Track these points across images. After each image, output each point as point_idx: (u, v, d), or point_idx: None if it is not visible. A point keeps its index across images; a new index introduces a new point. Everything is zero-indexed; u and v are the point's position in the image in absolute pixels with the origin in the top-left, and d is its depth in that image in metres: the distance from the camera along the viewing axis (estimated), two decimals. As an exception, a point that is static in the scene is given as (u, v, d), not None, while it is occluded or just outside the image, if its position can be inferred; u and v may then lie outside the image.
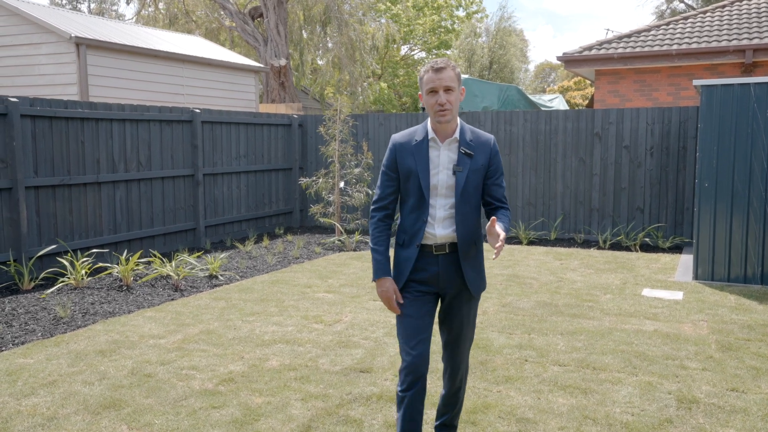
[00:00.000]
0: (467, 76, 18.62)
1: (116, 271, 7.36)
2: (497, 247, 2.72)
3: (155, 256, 8.30)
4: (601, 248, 9.68)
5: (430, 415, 3.76)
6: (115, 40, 11.73)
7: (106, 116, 8.23)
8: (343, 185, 10.82)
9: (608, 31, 24.32)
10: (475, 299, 3.11)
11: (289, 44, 20.72)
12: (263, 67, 15.68)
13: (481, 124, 10.89)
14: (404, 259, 3.05)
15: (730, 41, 11.64)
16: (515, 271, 7.99)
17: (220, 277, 7.65)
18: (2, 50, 11.59)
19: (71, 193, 7.86)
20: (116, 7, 41.72)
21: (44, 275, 7.44)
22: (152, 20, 24.20)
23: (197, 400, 4.08)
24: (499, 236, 2.76)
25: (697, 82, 7.34)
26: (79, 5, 40.33)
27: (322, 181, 10.53)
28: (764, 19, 12.43)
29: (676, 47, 11.89)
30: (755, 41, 11.38)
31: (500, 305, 6.33)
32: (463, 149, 2.98)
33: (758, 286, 7.15)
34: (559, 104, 19.67)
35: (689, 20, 13.29)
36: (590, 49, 12.82)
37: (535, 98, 18.74)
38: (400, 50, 31.03)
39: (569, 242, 10.21)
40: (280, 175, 11.69)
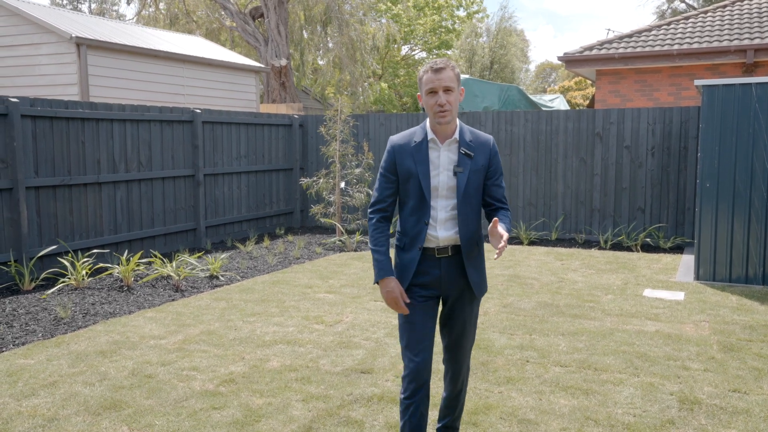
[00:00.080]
0: (468, 76, 18.61)
1: (117, 271, 7.36)
2: (500, 247, 2.69)
3: (156, 256, 8.29)
4: (602, 248, 9.67)
5: (431, 416, 3.75)
6: (115, 40, 11.73)
7: (106, 116, 8.22)
8: (343, 185, 10.82)
9: (609, 31, 24.31)
10: (476, 301, 3.08)
11: (289, 44, 20.72)
12: (264, 67, 15.68)
13: (481, 124, 10.88)
14: (406, 262, 2.99)
15: (731, 41, 11.63)
16: (516, 271, 7.98)
17: (220, 277, 7.64)
18: (3, 50, 11.59)
19: (72, 193, 7.85)
20: (117, 7, 41.74)
21: (45, 276, 7.43)
22: (153, 20, 24.20)
23: (198, 400, 4.07)
24: (502, 237, 2.73)
25: (698, 82, 7.33)
26: (79, 5, 40.35)
27: (322, 181, 10.52)
28: (765, 19, 12.42)
29: (677, 47, 11.88)
30: (756, 41, 11.36)
31: (501, 306, 6.32)
32: (463, 150, 2.95)
33: (760, 286, 7.14)
34: (559, 104, 19.66)
35: (690, 20, 13.28)
36: (591, 49, 12.81)
37: (535, 98, 18.72)
38: (400, 50, 31.03)
39: (570, 242, 10.20)
40: (280, 175, 11.68)
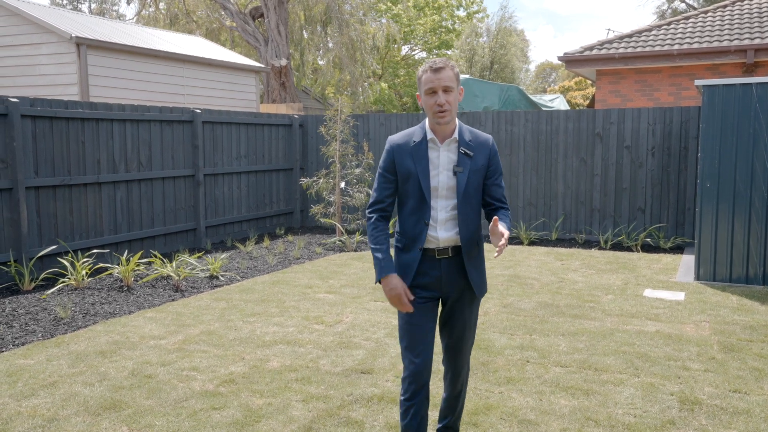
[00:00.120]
0: (468, 76, 18.60)
1: (117, 271, 7.36)
2: (500, 245, 2.68)
3: (156, 256, 8.29)
4: (602, 249, 9.66)
5: (431, 416, 3.74)
6: (115, 40, 11.72)
7: (106, 116, 8.22)
8: (343, 185, 10.81)
9: (609, 31, 24.31)
10: (476, 302, 3.07)
11: (289, 44, 20.72)
12: (264, 67, 15.67)
13: (482, 124, 10.87)
14: (406, 263, 2.96)
15: (731, 41, 11.62)
16: (516, 271, 7.98)
17: (220, 277, 7.64)
18: (3, 50, 11.59)
19: (72, 193, 7.85)
20: (117, 7, 41.74)
21: (45, 276, 7.43)
22: (153, 20, 24.20)
23: (198, 401, 4.07)
24: (502, 235, 2.72)
25: (699, 82, 7.33)
26: (79, 5, 40.34)
27: (322, 181, 10.52)
28: (765, 18, 12.41)
29: (677, 47, 11.87)
30: (757, 41, 11.36)
31: (501, 306, 6.31)
32: (462, 149, 2.93)
33: (760, 286, 7.13)
34: (559, 104, 19.65)
35: (690, 20, 13.27)
36: (591, 49, 12.81)
37: (535, 98, 18.72)
38: (400, 50, 31.03)
39: (570, 243, 10.19)
40: (280, 175, 11.68)
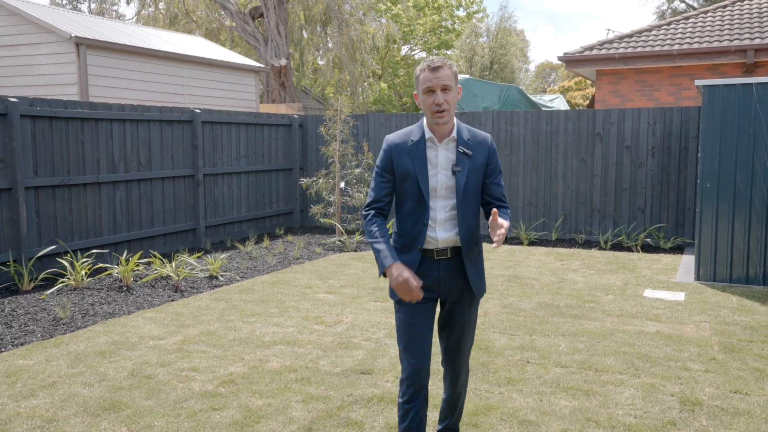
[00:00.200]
0: (467, 76, 18.60)
1: (116, 271, 7.34)
2: (499, 233, 2.63)
3: (155, 256, 8.28)
4: (602, 249, 9.65)
5: (431, 417, 3.73)
6: (115, 40, 11.71)
7: (106, 116, 8.21)
8: (343, 185, 10.80)
9: (609, 31, 24.30)
10: (475, 303, 3.05)
11: (289, 44, 20.70)
12: (263, 67, 15.66)
13: (481, 124, 10.86)
14: (405, 264, 2.91)
15: (731, 41, 11.61)
16: (516, 271, 7.97)
17: (220, 277, 7.63)
18: (2, 50, 11.58)
19: (71, 193, 7.84)
20: (116, 7, 41.72)
21: (44, 276, 7.42)
22: (152, 20, 24.18)
23: (197, 401, 4.06)
24: (502, 225, 2.68)
25: (699, 82, 7.32)
26: (79, 5, 40.33)
27: (322, 181, 10.51)
28: (765, 19, 12.40)
29: (677, 47, 11.87)
30: (757, 41, 11.35)
31: (501, 306, 6.30)
32: (461, 149, 2.90)
33: (760, 287, 7.12)
34: (559, 104, 19.65)
35: (690, 20, 13.27)
36: (591, 49, 12.80)
37: (535, 98, 18.71)
38: (400, 50, 31.03)
39: (570, 243, 10.18)
40: (280, 175, 11.67)
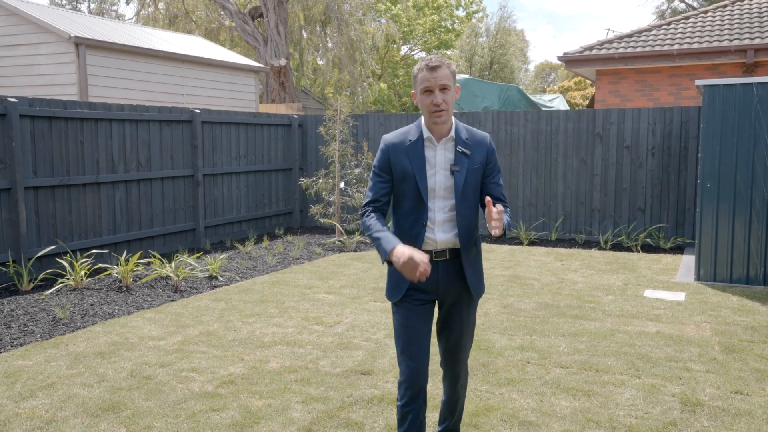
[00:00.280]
0: (467, 76, 18.59)
1: (116, 272, 7.33)
2: (496, 218, 2.56)
3: (155, 256, 8.27)
4: (602, 249, 9.64)
5: (431, 418, 3.72)
6: (114, 40, 11.70)
7: (105, 116, 8.20)
8: (343, 185, 10.79)
9: (609, 31, 24.30)
10: (474, 304, 3.02)
11: (289, 44, 20.69)
12: (263, 67, 15.65)
13: (481, 124, 10.85)
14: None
15: (731, 41, 11.61)
16: (516, 272, 7.96)
17: (219, 278, 7.62)
18: (2, 50, 11.57)
19: (70, 193, 7.83)
20: (116, 7, 41.70)
21: (43, 276, 7.40)
22: (152, 20, 24.17)
23: (197, 402, 4.05)
24: (498, 210, 2.61)
25: (699, 82, 7.31)
26: (78, 5, 40.31)
27: (322, 181, 10.50)
28: (765, 18, 12.40)
29: (677, 47, 11.86)
30: (757, 41, 11.35)
31: (501, 306, 6.29)
32: (459, 148, 2.87)
33: (761, 287, 7.12)
34: (559, 104, 19.64)
35: (690, 20, 13.26)
36: (591, 49, 12.79)
37: (535, 98, 18.71)
38: (400, 50, 31.03)
39: (570, 243, 10.17)
40: (280, 175, 11.66)
